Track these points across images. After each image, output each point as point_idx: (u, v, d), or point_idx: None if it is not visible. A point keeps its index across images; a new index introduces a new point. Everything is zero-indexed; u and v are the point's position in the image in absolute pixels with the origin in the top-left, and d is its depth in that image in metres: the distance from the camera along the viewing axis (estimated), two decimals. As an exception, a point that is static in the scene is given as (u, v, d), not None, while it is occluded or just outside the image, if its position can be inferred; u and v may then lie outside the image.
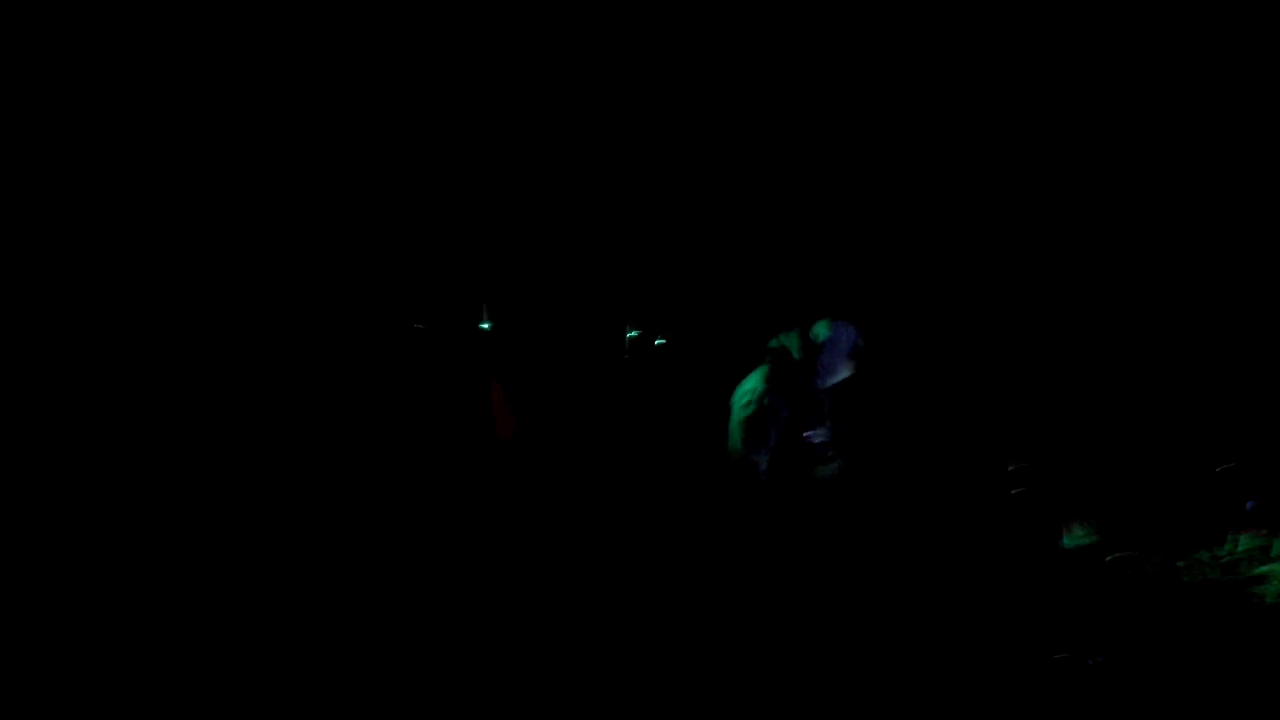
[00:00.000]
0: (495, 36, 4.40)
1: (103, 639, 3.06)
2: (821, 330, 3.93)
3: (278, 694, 2.82)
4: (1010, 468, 4.03)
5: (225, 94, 4.11)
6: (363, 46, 4.27)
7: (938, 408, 4.18)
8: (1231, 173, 4.27)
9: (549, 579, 3.59)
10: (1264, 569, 3.80)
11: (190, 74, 4.06)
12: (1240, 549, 3.83)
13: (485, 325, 4.53)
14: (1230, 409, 4.12)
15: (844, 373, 3.92)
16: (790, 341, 3.94)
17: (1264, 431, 4.01)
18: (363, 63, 4.29)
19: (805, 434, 3.84)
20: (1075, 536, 3.91)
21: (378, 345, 4.39)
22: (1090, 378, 4.35)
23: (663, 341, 4.63)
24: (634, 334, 4.70)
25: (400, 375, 4.38)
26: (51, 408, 3.89)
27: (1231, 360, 4.19)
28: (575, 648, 3.16)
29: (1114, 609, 3.50)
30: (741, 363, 4.12)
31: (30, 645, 2.97)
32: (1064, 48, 4.32)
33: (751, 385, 3.91)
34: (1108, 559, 3.89)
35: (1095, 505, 4.00)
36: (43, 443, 3.80)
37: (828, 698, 2.95)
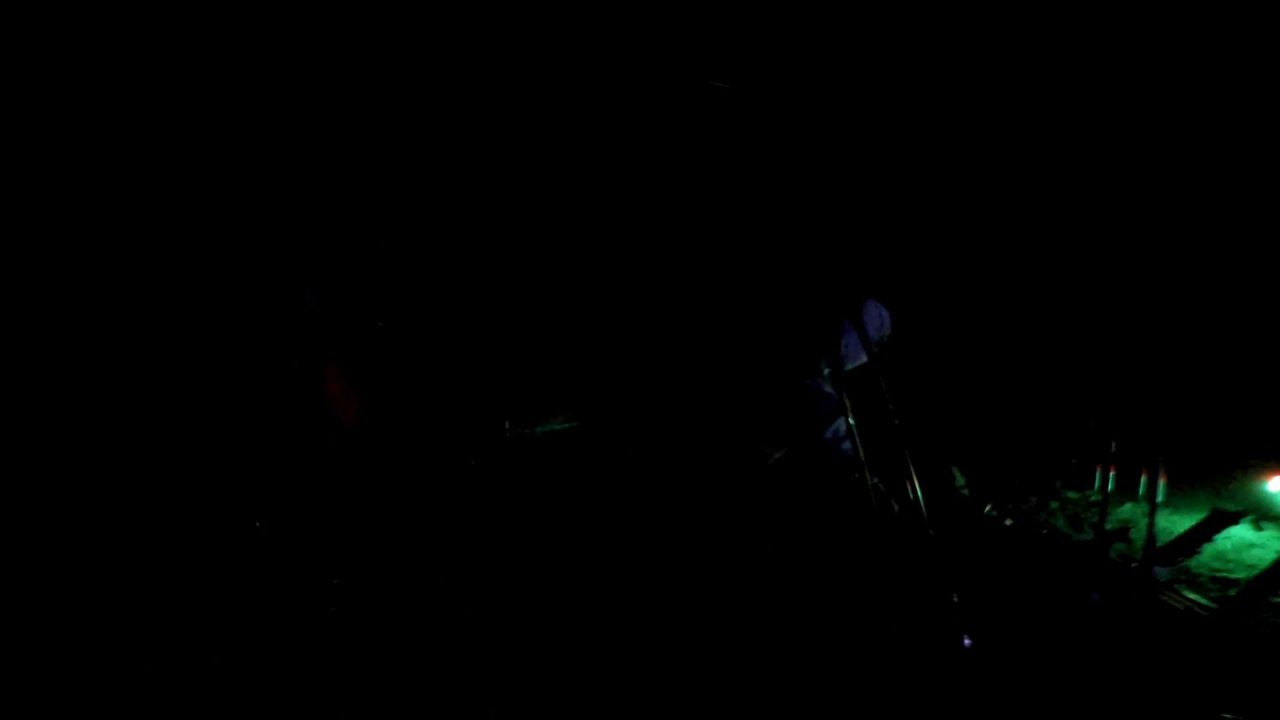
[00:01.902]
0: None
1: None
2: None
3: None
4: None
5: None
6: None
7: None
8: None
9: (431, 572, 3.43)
10: (1126, 514, 3.85)
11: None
12: (1111, 488, 3.85)
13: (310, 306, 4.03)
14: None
15: (867, 354, 3.60)
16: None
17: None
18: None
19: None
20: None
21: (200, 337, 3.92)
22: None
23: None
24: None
25: (227, 367, 3.92)
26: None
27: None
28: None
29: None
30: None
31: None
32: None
33: None
34: (985, 510, 3.88)
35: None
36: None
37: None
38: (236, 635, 3.05)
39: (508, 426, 3.98)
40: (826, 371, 3.69)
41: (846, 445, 3.48)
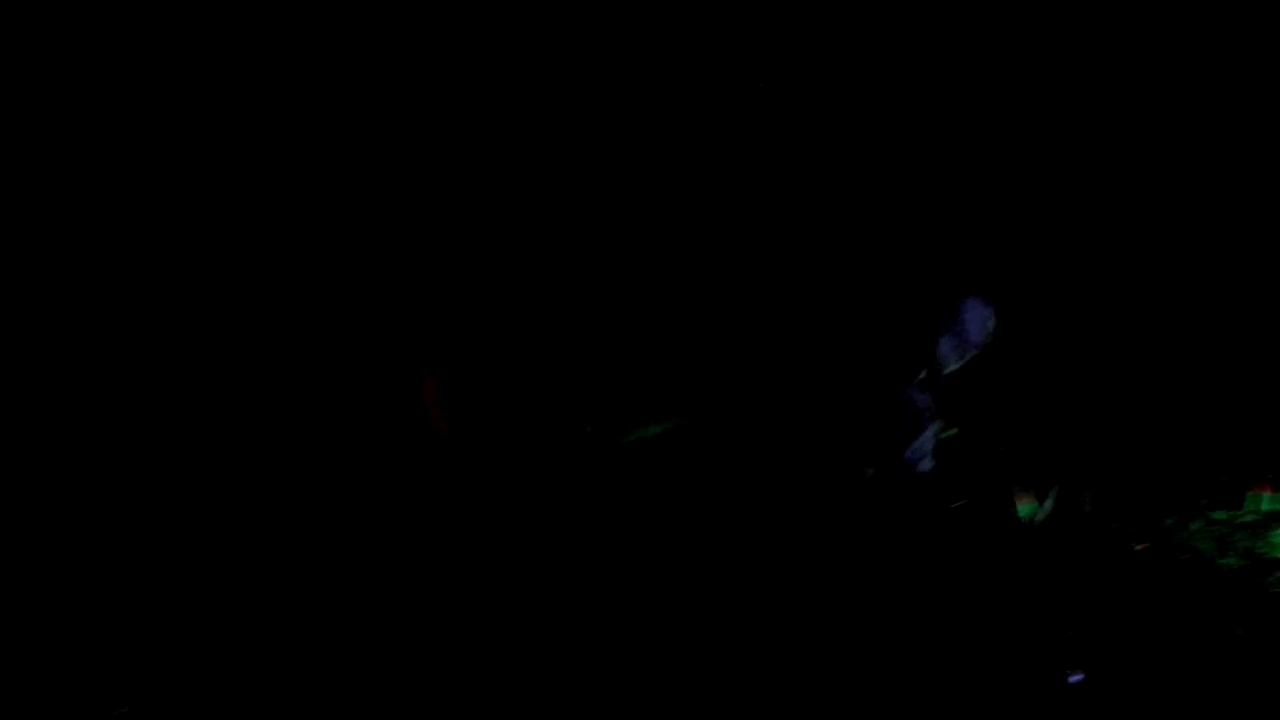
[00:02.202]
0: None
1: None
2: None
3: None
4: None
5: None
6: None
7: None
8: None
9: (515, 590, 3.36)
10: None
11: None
12: (1264, 508, 3.36)
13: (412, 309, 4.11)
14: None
15: (968, 356, 3.46)
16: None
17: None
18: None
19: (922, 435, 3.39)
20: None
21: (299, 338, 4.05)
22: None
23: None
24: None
25: (318, 370, 4.05)
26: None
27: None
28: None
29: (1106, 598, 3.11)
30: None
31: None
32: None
33: None
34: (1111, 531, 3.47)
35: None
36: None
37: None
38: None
39: (589, 431, 3.93)
40: (921, 377, 3.42)
41: (926, 464, 3.21)
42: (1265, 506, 3.38)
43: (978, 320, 3.46)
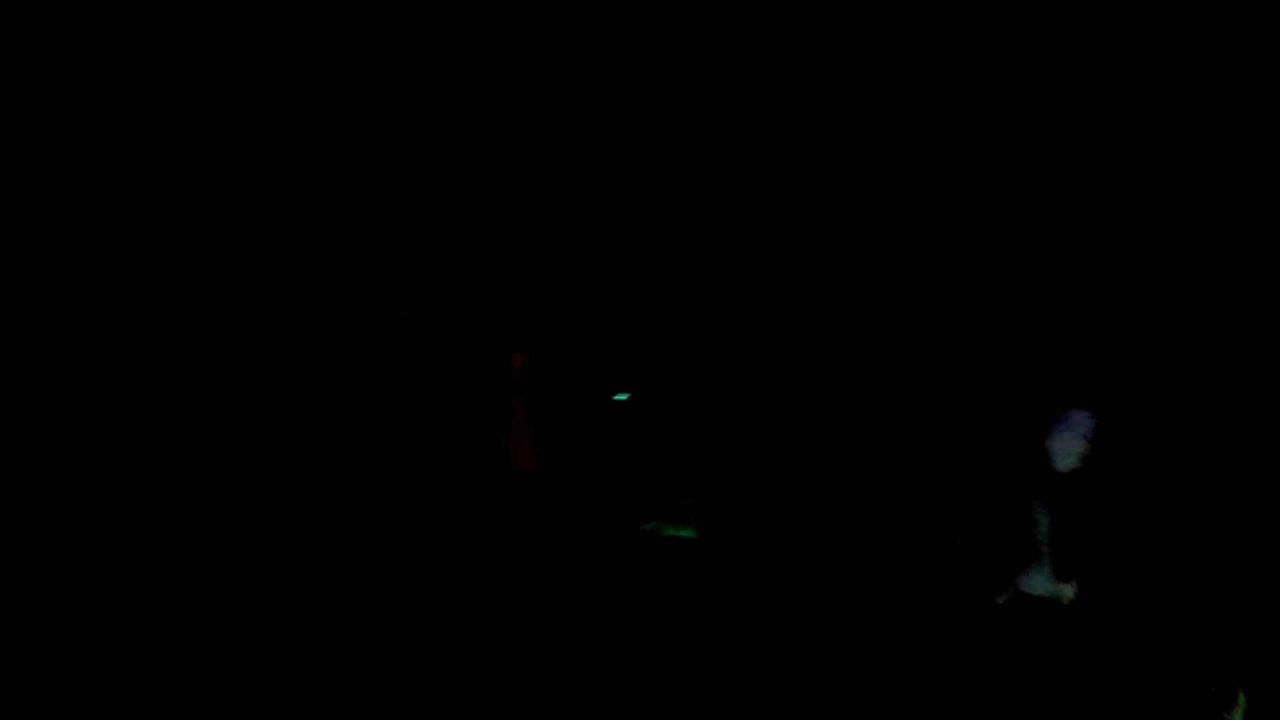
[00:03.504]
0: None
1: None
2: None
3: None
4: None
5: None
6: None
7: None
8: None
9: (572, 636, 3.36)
10: None
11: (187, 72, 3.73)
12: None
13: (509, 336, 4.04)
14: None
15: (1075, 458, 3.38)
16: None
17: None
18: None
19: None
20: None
21: (387, 355, 3.95)
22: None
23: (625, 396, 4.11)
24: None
25: (410, 390, 3.96)
26: (51, 406, 3.71)
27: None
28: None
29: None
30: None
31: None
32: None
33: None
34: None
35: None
36: (42, 442, 3.67)
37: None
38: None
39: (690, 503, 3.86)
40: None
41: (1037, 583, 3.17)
42: None
43: (1082, 426, 3.48)
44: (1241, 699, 3.32)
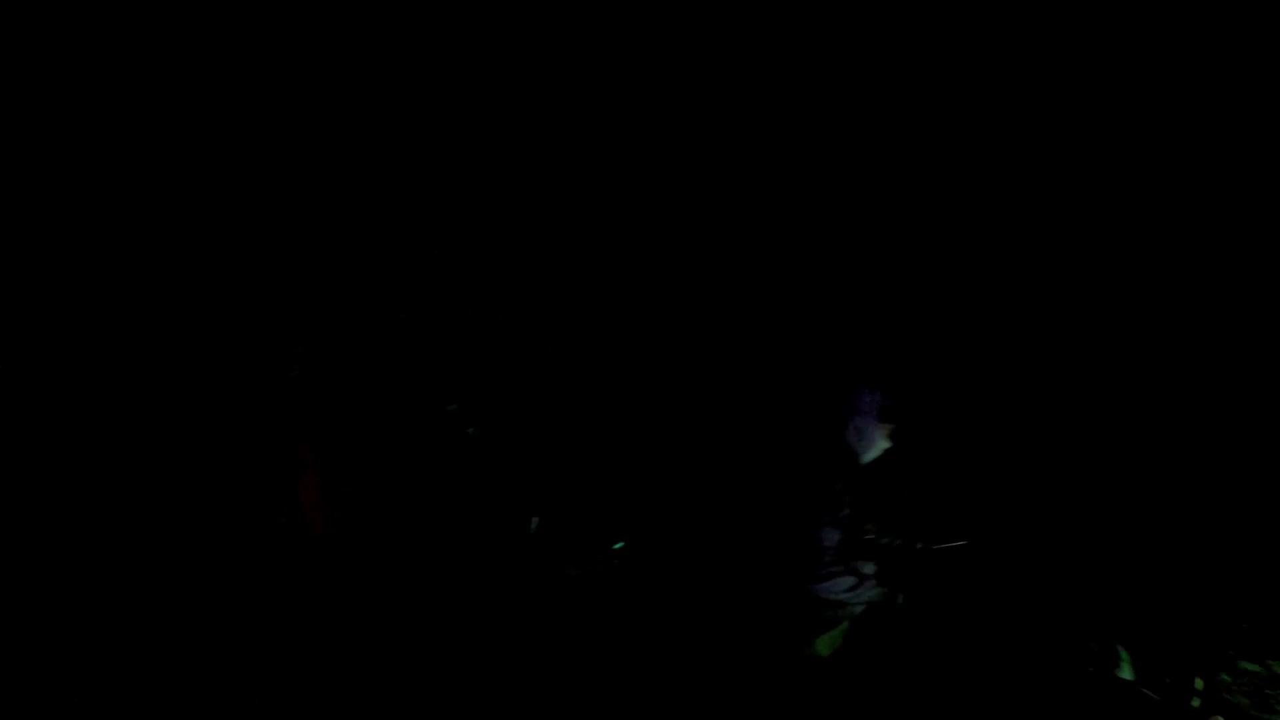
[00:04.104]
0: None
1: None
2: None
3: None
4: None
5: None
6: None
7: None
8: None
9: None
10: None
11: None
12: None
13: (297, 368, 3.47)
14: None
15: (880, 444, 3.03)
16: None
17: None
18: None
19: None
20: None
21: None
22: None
23: None
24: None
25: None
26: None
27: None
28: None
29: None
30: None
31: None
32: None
33: None
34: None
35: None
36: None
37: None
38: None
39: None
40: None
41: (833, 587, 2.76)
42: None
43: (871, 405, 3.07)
44: (1124, 654, 3.06)
